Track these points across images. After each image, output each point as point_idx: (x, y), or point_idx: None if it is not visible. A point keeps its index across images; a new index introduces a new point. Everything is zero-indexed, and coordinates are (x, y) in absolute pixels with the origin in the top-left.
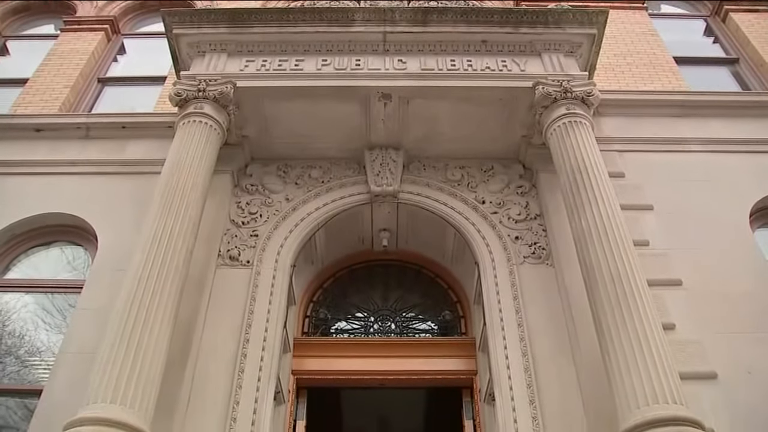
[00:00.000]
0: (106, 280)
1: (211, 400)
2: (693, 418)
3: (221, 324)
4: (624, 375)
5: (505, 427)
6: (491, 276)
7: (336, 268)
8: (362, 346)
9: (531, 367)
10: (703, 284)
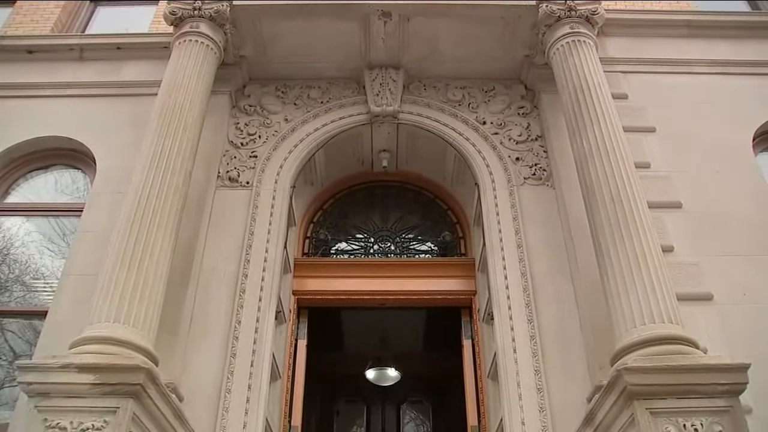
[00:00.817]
0: (106, 202)
1: (213, 320)
2: (688, 337)
3: (222, 244)
4: (622, 295)
5: (503, 345)
6: (491, 197)
7: (336, 189)
8: (362, 267)
9: (529, 287)
10: (703, 207)
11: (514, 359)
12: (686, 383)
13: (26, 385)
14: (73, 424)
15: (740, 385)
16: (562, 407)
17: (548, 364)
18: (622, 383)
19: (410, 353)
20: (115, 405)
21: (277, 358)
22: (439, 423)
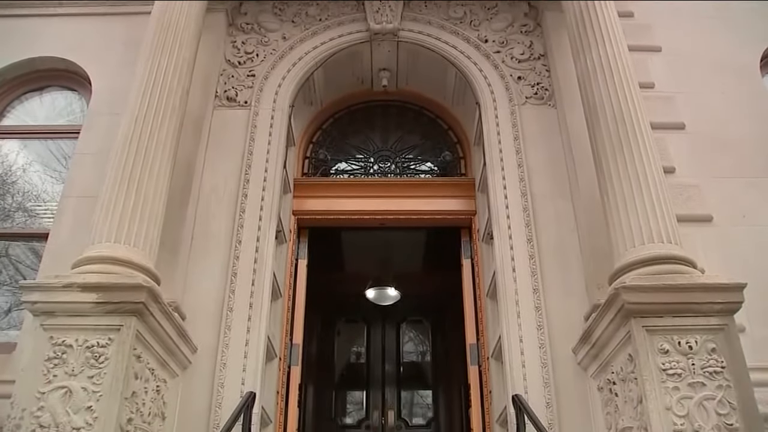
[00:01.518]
0: (103, 123)
1: (213, 239)
2: (686, 257)
3: (221, 164)
4: (622, 214)
5: (502, 265)
6: (492, 116)
7: (335, 109)
8: (362, 186)
9: (529, 207)
10: (707, 128)
11: (513, 278)
12: (683, 302)
13: (31, 304)
14: (78, 342)
15: (735, 304)
16: (559, 325)
17: (547, 283)
18: (619, 301)
19: (410, 273)
20: (119, 323)
21: (277, 277)
22: (438, 342)
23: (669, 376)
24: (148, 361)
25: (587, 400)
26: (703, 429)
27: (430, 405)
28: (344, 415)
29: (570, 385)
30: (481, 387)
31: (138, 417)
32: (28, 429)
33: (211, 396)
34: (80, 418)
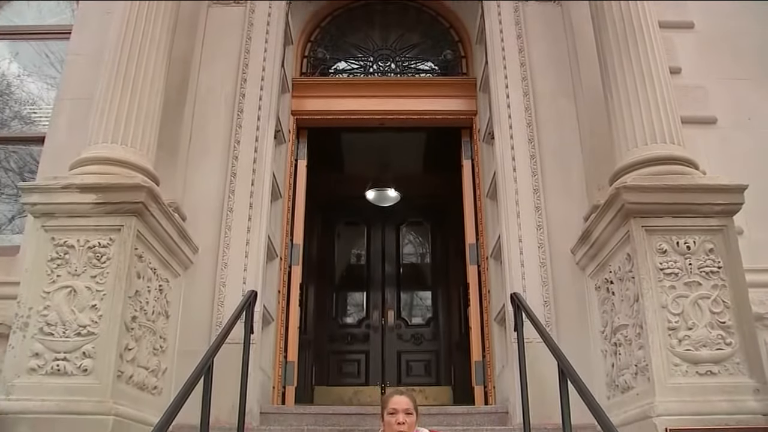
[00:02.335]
0: (95, 24)
1: (212, 140)
2: (689, 158)
3: (217, 64)
4: (625, 114)
5: (503, 165)
6: (495, 14)
7: (333, 7)
8: (362, 86)
9: (531, 107)
10: (715, 28)
11: (513, 178)
12: (683, 202)
13: (31, 205)
14: (80, 242)
15: (736, 205)
16: (559, 225)
17: (547, 183)
18: (620, 201)
19: (410, 174)
20: (119, 223)
21: (277, 177)
22: (437, 243)
23: (666, 275)
24: (149, 260)
25: (584, 299)
26: (696, 326)
27: (429, 305)
28: (345, 315)
29: (568, 285)
30: (480, 286)
31: (142, 315)
32: (36, 327)
33: (213, 295)
34: (86, 316)
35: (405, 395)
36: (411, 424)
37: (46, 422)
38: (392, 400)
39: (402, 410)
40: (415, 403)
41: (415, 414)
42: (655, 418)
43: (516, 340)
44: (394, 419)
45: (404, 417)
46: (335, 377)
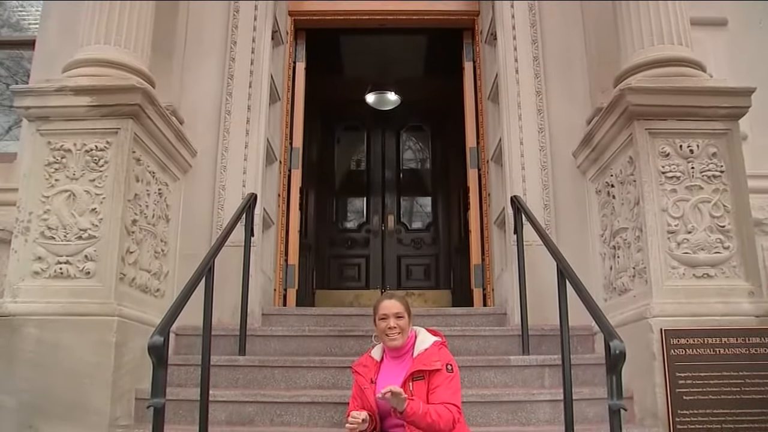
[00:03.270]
0: None
1: (208, 42)
2: (696, 60)
3: None
4: (632, 14)
5: (505, 66)
6: None
7: None
8: None
9: (536, 6)
10: None
11: (515, 80)
12: (688, 105)
13: (24, 109)
14: (77, 146)
15: (742, 108)
16: (560, 128)
17: (550, 86)
18: (623, 103)
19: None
20: (116, 126)
21: (275, 80)
22: (437, 148)
23: (668, 178)
24: (148, 164)
25: (584, 203)
26: (695, 230)
27: (429, 210)
28: (345, 220)
29: (568, 188)
30: (480, 190)
31: (142, 219)
32: (37, 231)
33: (213, 198)
34: (86, 220)
35: (395, 299)
36: (403, 327)
37: (53, 323)
38: (382, 306)
39: (392, 315)
40: (406, 305)
41: (407, 317)
42: (651, 319)
43: (515, 242)
44: (385, 324)
45: (395, 321)
46: (336, 281)
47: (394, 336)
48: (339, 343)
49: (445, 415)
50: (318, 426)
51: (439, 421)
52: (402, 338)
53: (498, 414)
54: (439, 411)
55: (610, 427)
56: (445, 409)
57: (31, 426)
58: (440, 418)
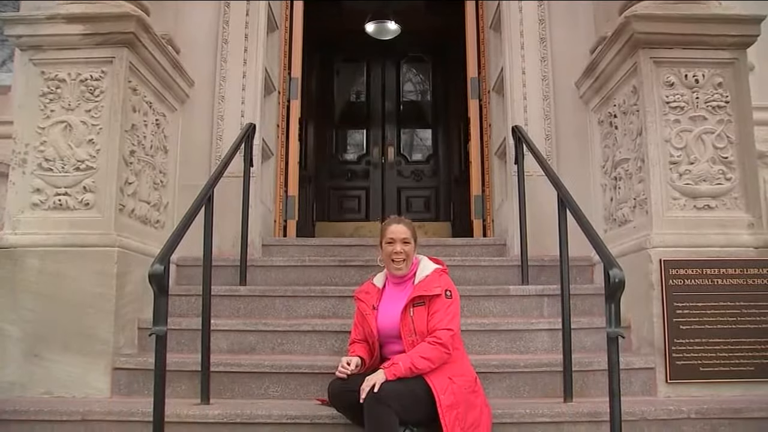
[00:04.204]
0: None
1: None
2: None
3: None
4: None
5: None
6: None
7: None
8: None
9: None
10: None
11: (518, 7)
12: (695, 33)
13: (16, 38)
14: (71, 76)
15: (750, 37)
16: (564, 58)
17: (553, 14)
18: (628, 31)
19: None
20: (111, 55)
21: (273, 8)
22: (438, 80)
23: (671, 108)
24: (144, 94)
25: (586, 134)
26: (698, 161)
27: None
28: (345, 152)
29: (570, 118)
30: (481, 121)
31: (140, 150)
32: (34, 163)
33: (211, 129)
34: (83, 151)
35: (402, 224)
36: (408, 252)
37: (54, 255)
38: (389, 229)
39: (399, 240)
40: (413, 231)
41: (413, 243)
42: (650, 249)
43: (516, 173)
44: (392, 248)
45: (401, 246)
46: (336, 213)
47: (399, 263)
48: (339, 273)
49: (433, 354)
50: (319, 354)
51: (430, 364)
52: (406, 266)
53: (497, 342)
54: (425, 354)
55: (607, 354)
56: (430, 347)
57: (36, 354)
58: (428, 360)
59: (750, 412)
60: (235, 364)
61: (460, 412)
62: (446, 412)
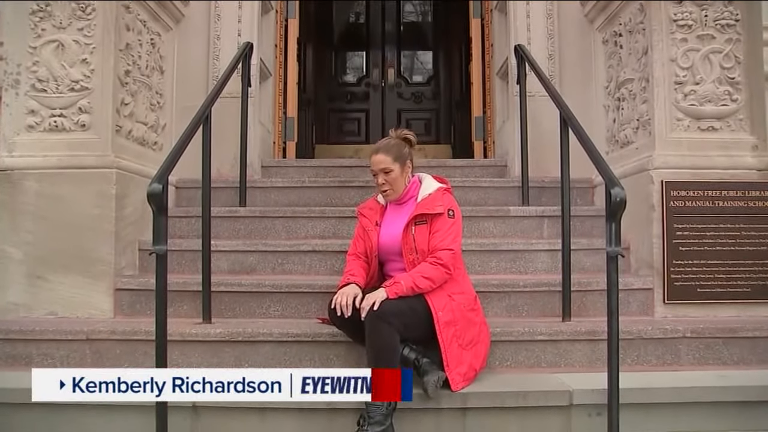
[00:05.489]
0: None
1: None
2: None
3: None
4: None
5: None
6: None
7: None
8: None
9: None
10: None
11: None
12: None
13: None
14: None
15: None
16: None
17: None
18: None
19: None
20: None
21: None
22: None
23: (679, 27)
24: (138, 12)
25: (590, 54)
26: (704, 81)
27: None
28: (344, 74)
29: (574, 38)
30: (483, 41)
31: (136, 70)
32: (28, 83)
33: (207, 49)
34: (77, 71)
35: (381, 152)
36: (392, 181)
37: (51, 177)
38: (371, 161)
39: (380, 171)
40: (397, 152)
41: (398, 168)
42: (652, 170)
43: (518, 93)
44: (375, 180)
45: (383, 178)
46: (336, 136)
47: (386, 192)
48: (339, 194)
49: (434, 274)
50: (319, 274)
51: (431, 284)
52: (395, 194)
53: (497, 262)
54: (426, 274)
55: (606, 273)
56: (431, 267)
57: (39, 276)
58: (430, 280)
59: (744, 331)
60: (236, 284)
61: (458, 329)
62: (444, 329)
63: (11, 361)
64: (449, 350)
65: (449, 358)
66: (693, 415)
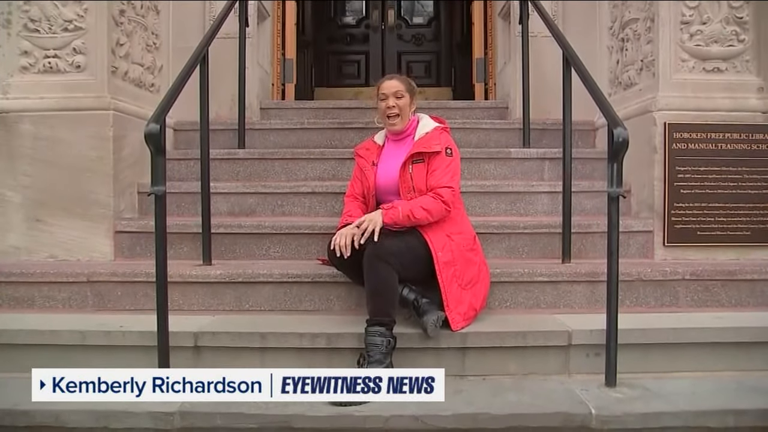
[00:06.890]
0: None
1: None
2: None
3: None
4: None
5: None
6: None
7: None
8: None
9: None
10: None
11: None
12: None
13: None
14: None
15: None
16: None
17: None
18: None
19: None
20: None
21: None
22: None
23: None
24: None
25: None
26: (711, 21)
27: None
28: (343, 15)
29: None
30: None
31: (130, 9)
32: (20, 23)
33: None
34: (70, 10)
35: (395, 79)
36: (402, 107)
37: (48, 119)
38: (382, 85)
39: (392, 94)
40: (408, 85)
41: (407, 96)
42: (655, 112)
43: (520, 33)
44: (385, 104)
45: (394, 101)
46: (335, 78)
47: (394, 119)
48: (339, 136)
49: (432, 207)
50: (319, 216)
51: (428, 216)
52: (401, 122)
53: (497, 204)
54: (425, 205)
55: (607, 214)
56: (431, 200)
57: (38, 219)
58: (427, 212)
59: (743, 274)
60: (236, 226)
61: (457, 269)
62: (443, 269)
63: (14, 303)
64: (449, 290)
65: (449, 298)
66: (690, 356)
